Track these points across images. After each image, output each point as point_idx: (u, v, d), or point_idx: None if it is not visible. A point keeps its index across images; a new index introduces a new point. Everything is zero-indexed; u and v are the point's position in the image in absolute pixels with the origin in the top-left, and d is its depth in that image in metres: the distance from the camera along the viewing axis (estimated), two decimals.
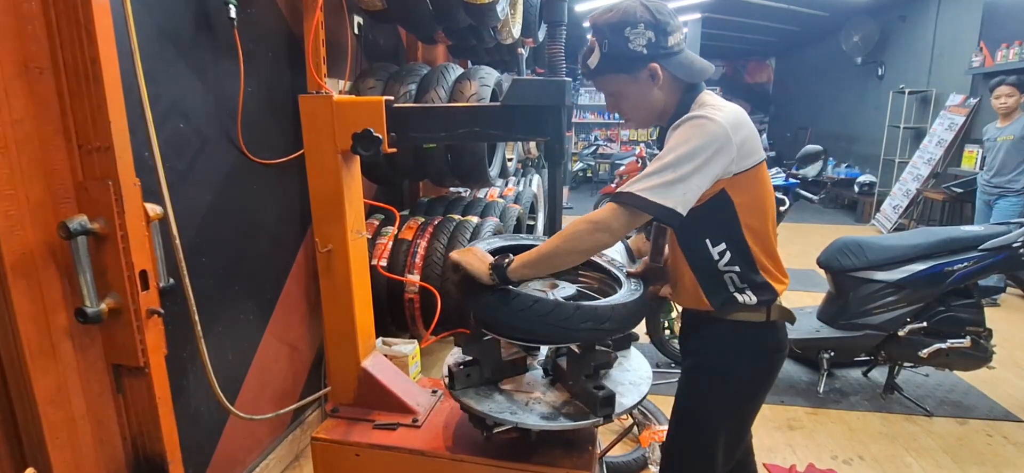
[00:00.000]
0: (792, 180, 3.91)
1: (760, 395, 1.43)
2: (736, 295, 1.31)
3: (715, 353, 1.39)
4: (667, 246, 1.51)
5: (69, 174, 1.15)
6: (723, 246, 1.29)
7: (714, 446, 1.39)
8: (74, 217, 1.12)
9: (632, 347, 1.65)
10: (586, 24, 1.56)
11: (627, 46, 1.25)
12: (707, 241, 1.29)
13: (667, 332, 3.23)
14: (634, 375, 1.52)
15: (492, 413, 1.34)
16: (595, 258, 1.60)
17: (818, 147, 3.91)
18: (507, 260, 1.28)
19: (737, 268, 1.30)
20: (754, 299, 1.31)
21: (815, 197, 3.88)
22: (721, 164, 1.19)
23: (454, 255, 1.36)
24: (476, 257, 1.33)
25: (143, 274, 1.23)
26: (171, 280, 1.35)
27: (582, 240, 1.23)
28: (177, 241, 1.43)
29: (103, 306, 1.17)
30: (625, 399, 1.39)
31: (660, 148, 1.37)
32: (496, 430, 1.38)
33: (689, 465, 1.45)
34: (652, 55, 1.26)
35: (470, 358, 1.46)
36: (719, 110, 1.23)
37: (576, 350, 1.40)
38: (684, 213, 1.18)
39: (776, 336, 1.38)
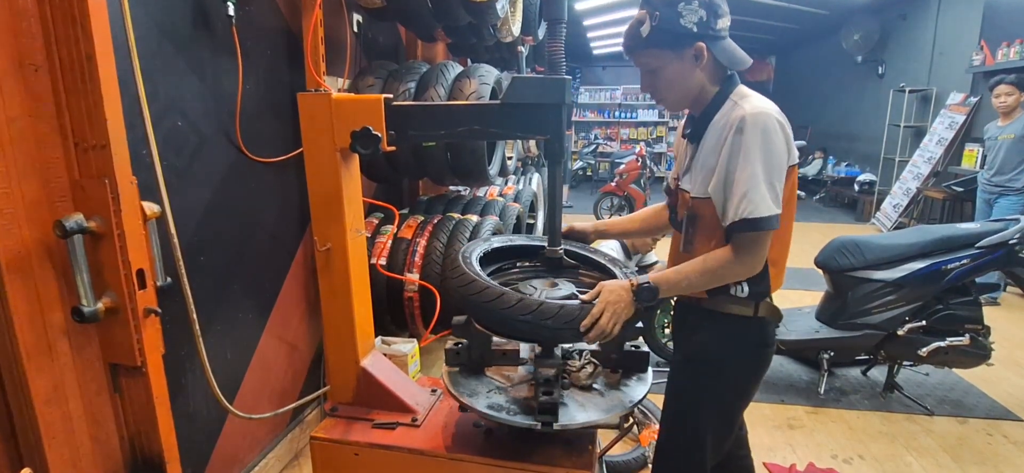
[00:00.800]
0: None
1: (749, 388, 1.44)
2: (730, 285, 1.32)
3: (705, 346, 1.41)
4: (695, 238, 1.43)
5: (65, 172, 1.15)
6: None
7: (703, 436, 1.42)
8: (70, 215, 1.11)
9: (649, 372, 1.51)
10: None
11: (678, 21, 1.24)
12: None
13: (668, 331, 3.23)
14: (620, 394, 1.42)
15: (456, 389, 1.38)
16: (600, 259, 1.60)
17: (801, 142, 3.95)
18: (649, 282, 1.27)
19: None
20: (746, 291, 1.32)
21: (801, 193, 3.90)
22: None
23: (602, 321, 1.23)
24: (616, 296, 1.25)
25: (140, 273, 1.22)
26: (169, 279, 1.34)
27: (727, 277, 1.28)
28: (175, 240, 1.42)
29: (100, 305, 1.17)
30: (583, 414, 1.32)
31: (691, 137, 1.36)
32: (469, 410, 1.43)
33: (680, 455, 1.47)
34: (701, 35, 1.25)
35: (462, 340, 1.48)
36: (765, 102, 1.25)
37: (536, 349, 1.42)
38: None
39: (764, 331, 1.39)
